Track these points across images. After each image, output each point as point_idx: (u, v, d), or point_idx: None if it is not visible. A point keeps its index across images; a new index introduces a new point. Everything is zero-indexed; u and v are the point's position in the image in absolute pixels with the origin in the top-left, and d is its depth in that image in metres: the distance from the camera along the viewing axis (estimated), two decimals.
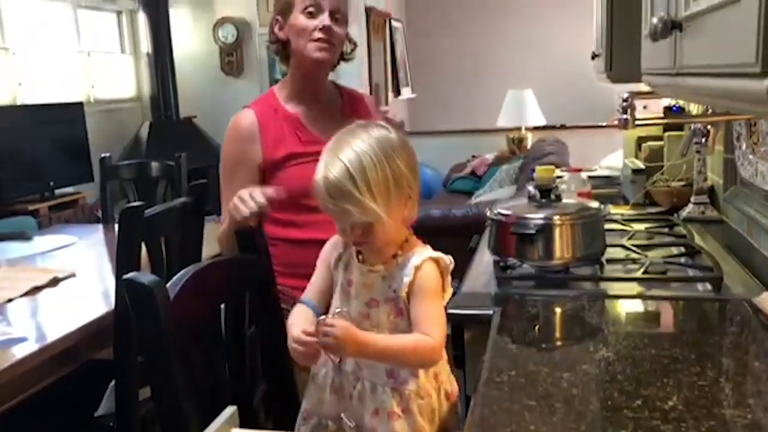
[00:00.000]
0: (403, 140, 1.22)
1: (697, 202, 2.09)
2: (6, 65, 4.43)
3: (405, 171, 1.18)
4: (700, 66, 0.79)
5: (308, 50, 1.67)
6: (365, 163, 1.14)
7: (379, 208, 1.14)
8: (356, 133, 1.20)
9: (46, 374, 1.77)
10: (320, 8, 1.66)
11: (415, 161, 1.23)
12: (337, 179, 1.14)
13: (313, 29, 1.65)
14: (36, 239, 2.86)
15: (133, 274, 1.10)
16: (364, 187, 1.13)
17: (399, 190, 1.17)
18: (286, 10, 1.68)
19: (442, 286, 1.23)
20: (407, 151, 1.21)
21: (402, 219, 1.22)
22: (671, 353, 1.17)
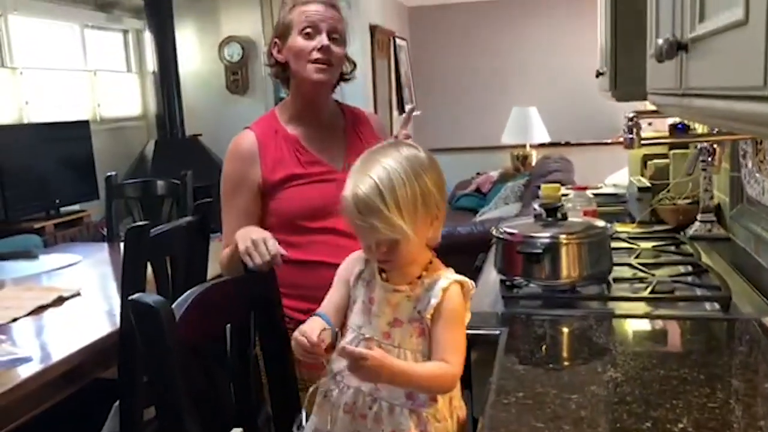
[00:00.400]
0: (431, 159, 1.22)
1: (703, 220, 2.08)
2: (13, 84, 4.47)
3: (433, 190, 1.19)
4: (707, 88, 0.78)
5: (307, 71, 1.67)
6: (395, 180, 1.15)
7: (406, 225, 1.15)
8: (386, 151, 1.21)
9: (51, 394, 1.76)
10: (318, 29, 1.66)
11: (442, 181, 1.23)
12: (366, 195, 1.15)
13: (311, 50, 1.66)
14: (42, 258, 2.86)
15: (138, 294, 1.10)
16: (392, 203, 1.14)
17: (426, 209, 1.18)
18: (285, 32, 1.69)
19: (466, 307, 1.23)
20: (436, 171, 1.21)
21: (427, 239, 1.23)
22: (680, 374, 1.16)
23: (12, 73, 4.45)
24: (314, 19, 1.66)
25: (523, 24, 7.30)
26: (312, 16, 1.67)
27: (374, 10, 6.07)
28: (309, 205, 1.65)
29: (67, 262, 2.76)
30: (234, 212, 1.69)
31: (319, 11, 1.67)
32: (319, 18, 1.67)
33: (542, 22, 7.23)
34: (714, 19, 0.74)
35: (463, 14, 7.40)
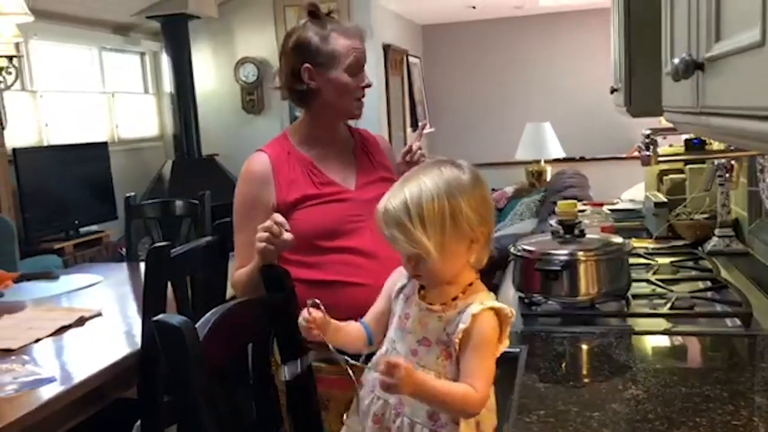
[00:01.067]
0: (476, 182, 1.21)
1: (721, 235, 2.08)
2: (33, 107, 4.54)
3: (468, 212, 1.17)
4: (723, 107, 0.79)
5: (350, 107, 1.72)
6: (424, 197, 1.16)
7: (430, 242, 1.15)
8: (428, 168, 1.22)
9: (74, 414, 1.78)
10: (361, 67, 1.71)
11: (485, 206, 1.21)
12: (394, 208, 1.17)
13: (355, 88, 1.69)
14: (62, 278, 2.89)
15: (162, 315, 1.12)
16: (417, 220, 1.15)
17: (457, 230, 1.17)
18: (329, 64, 1.67)
19: (498, 337, 1.20)
20: (477, 195, 1.19)
21: (465, 262, 1.22)
22: (703, 391, 1.16)
23: (32, 97, 4.53)
24: (360, 56, 1.69)
25: (535, 40, 7.33)
26: (359, 53, 1.69)
27: (388, 30, 6.12)
28: (324, 225, 1.66)
29: (88, 283, 2.79)
30: (247, 234, 1.68)
31: (361, 48, 1.71)
32: (363, 55, 1.71)
33: (554, 38, 7.26)
34: (730, 39, 0.75)
35: (476, 32, 7.45)
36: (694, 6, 0.92)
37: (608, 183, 4.71)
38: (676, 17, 1.11)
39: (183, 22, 5.38)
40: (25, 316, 2.31)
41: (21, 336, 2.05)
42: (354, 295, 1.54)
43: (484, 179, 1.23)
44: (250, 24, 5.86)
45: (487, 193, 1.22)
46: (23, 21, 2.55)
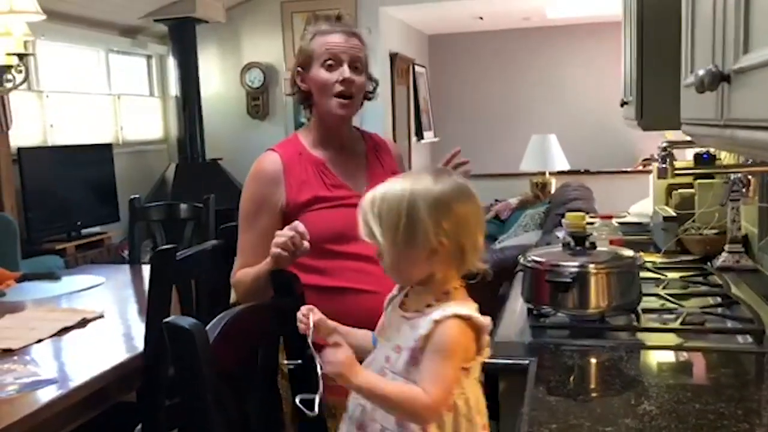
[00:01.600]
0: (449, 197, 1.19)
1: (731, 251, 2.06)
2: (39, 107, 4.54)
3: (427, 223, 1.17)
4: (751, 119, 0.78)
5: (330, 106, 1.69)
6: (388, 197, 1.20)
7: (383, 239, 1.19)
8: (413, 173, 1.25)
9: (74, 417, 1.76)
10: (339, 61, 1.67)
11: (455, 221, 1.19)
12: (367, 198, 1.23)
13: (333, 83, 1.67)
14: (64, 279, 2.88)
15: (173, 317, 1.10)
16: (377, 214, 1.20)
17: (412, 236, 1.17)
18: (307, 62, 1.70)
19: (468, 346, 1.17)
20: (444, 208, 1.19)
21: (428, 270, 1.21)
22: (716, 408, 1.14)
23: (38, 97, 4.53)
24: (336, 51, 1.67)
25: (542, 52, 7.34)
26: (333, 47, 1.67)
27: (395, 38, 6.13)
28: (334, 229, 1.65)
29: (90, 284, 2.77)
30: (253, 234, 1.67)
31: (340, 42, 1.68)
32: (341, 49, 1.68)
33: (562, 50, 7.27)
34: (760, 51, 0.74)
35: (483, 42, 7.46)
36: (720, 18, 0.91)
37: (613, 197, 4.71)
38: (698, 30, 1.10)
39: (190, 25, 5.38)
40: (26, 317, 2.30)
41: (22, 336, 2.04)
42: (362, 303, 1.53)
43: (467, 196, 1.22)
44: (257, 29, 5.87)
45: (463, 209, 1.20)
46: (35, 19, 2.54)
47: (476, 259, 1.23)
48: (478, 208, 1.23)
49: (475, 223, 1.22)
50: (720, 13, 0.90)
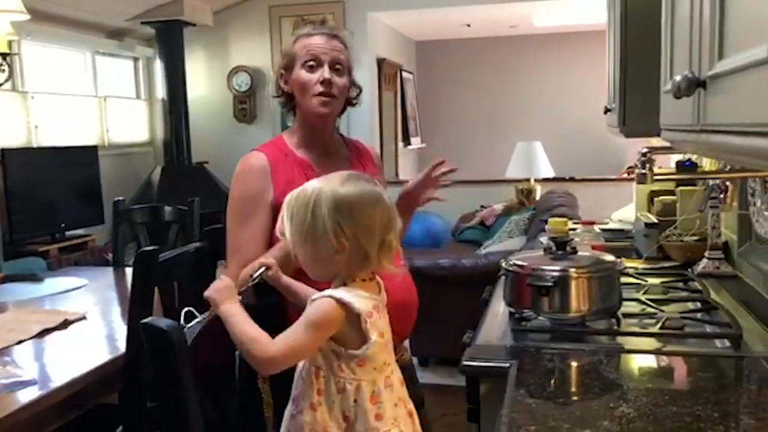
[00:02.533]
0: (351, 201, 1.27)
1: (711, 258, 2.08)
2: (24, 108, 4.51)
3: (327, 224, 1.25)
4: (725, 124, 0.79)
5: (311, 105, 1.71)
6: (300, 195, 1.29)
7: (292, 236, 1.29)
8: (328, 176, 1.34)
9: (54, 418, 1.75)
10: (320, 62, 1.70)
11: (352, 224, 1.26)
12: (286, 198, 1.33)
13: (314, 83, 1.69)
14: (47, 281, 2.86)
15: (151, 318, 1.10)
16: (289, 211, 1.30)
17: (313, 234, 1.26)
18: (289, 64, 1.73)
19: (332, 321, 1.25)
20: (345, 209, 1.26)
21: (335, 268, 1.29)
22: (693, 411, 1.15)
23: (22, 97, 4.50)
24: (316, 51, 1.70)
25: (529, 60, 7.39)
26: (314, 49, 1.70)
27: (382, 44, 6.15)
28: None
29: (72, 286, 2.76)
30: (249, 230, 1.66)
31: (321, 44, 1.71)
32: (321, 50, 1.70)
33: (548, 58, 7.32)
34: (734, 57, 0.75)
35: (470, 49, 7.50)
36: (696, 25, 0.92)
37: (597, 203, 4.74)
38: (676, 36, 1.12)
39: (178, 28, 5.37)
40: (7, 318, 2.28)
41: (3, 337, 2.02)
42: None
43: (373, 201, 1.29)
44: (244, 33, 5.87)
45: (366, 213, 1.27)
46: (19, 19, 2.53)
47: (385, 260, 1.31)
48: (386, 212, 1.30)
49: (381, 227, 1.28)
50: (696, 20, 0.92)
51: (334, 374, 1.28)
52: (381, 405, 1.29)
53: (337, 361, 1.28)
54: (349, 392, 1.27)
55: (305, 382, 1.30)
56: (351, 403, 1.27)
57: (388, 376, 1.33)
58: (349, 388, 1.27)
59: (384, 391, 1.30)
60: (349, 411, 1.27)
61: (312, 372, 1.29)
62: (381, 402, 1.29)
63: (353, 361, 1.27)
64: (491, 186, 6.04)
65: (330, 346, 1.28)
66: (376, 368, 1.30)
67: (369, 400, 1.28)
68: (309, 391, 1.29)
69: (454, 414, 3.18)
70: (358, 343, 1.27)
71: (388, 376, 1.33)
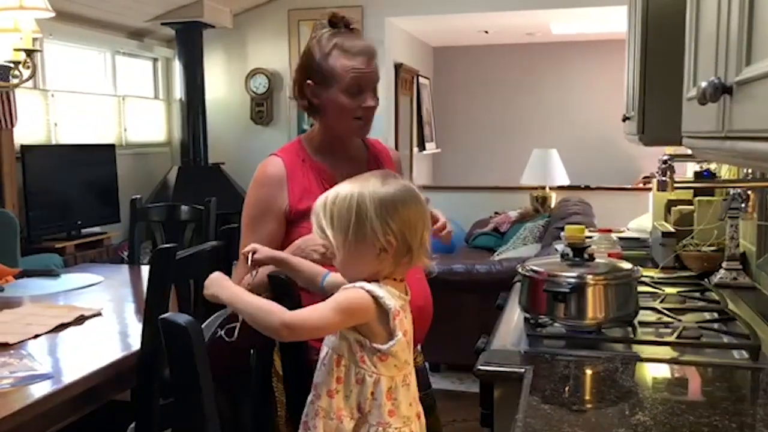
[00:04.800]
0: (396, 198, 1.28)
1: (729, 268, 2.06)
2: (44, 106, 4.56)
3: (375, 222, 1.26)
4: (753, 130, 0.79)
5: (348, 129, 1.69)
6: (339, 197, 1.29)
7: (335, 238, 1.28)
8: (359, 177, 1.33)
9: (67, 413, 1.76)
10: (362, 89, 1.65)
11: (401, 221, 1.27)
12: (318, 202, 1.32)
13: (354, 109, 1.65)
14: (63, 277, 2.88)
15: (169, 313, 1.11)
16: (329, 214, 1.29)
17: (360, 233, 1.26)
18: (326, 80, 1.66)
19: (360, 309, 1.26)
20: (391, 207, 1.27)
21: (376, 268, 1.29)
22: (711, 421, 1.14)
23: (43, 96, 4.54)
24: (361, 79, 1.64)
25: (546, 67, 7.37)
26: (359, 76, 1.64)
27: (400, 49, 6.16)
28: None
29: (88, 282, 2.78)
30: (259, 237, 1.67)
31: (364, 69, 1.64)
32: (365, 77, 1.65)
33: (566, 66, 7.30)
34: (762, 62, 0.74)
35: (487, 56, 7.50)
36: (723, 31, 0.92)
37: (612, 213, 4.71)
38: (701, 42, 1.11)
39: (197, 30, 5.41)
40: (24, 312, 2.30)
41: (19, 331, 2.04)
42: None
43: (413, 199, 1.31)
44: (263, 36, 5.90)
45: (409, 210, 1.29)
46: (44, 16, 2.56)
47: (423, 256, 1.33)
48: (423, 210, 1.32)
49: (421, 223, 1.31)
50: (723, 26, 0.91)
51: (356, 365, 1.28)
52: (396, 402, 1.30)
53: (361, 352, 1.28)
54: (368, 384, 1.28)
55: (326, 368, 1.31)
56: (368, 396, 1.28)
57: (406, 375, 1.33)
58: (369, 380, 1.27)
59: (401, 389, 1.31)
60: (364, 403, 1.28)
61: (334, 360, 1.30)
62: (396, 399, 1.30)
63: (376, 354, 1.28)
64: (506, 193, 6.03)
65: (356, 336, 1.28)
66: (397, 365, 1.30)
67: (385, 395, 1.28)
68: (329, 378, 1.30)
69: (465, 420, 3.17)
70: (384, 338, 1.28)
71: (407, 374, 1.33)
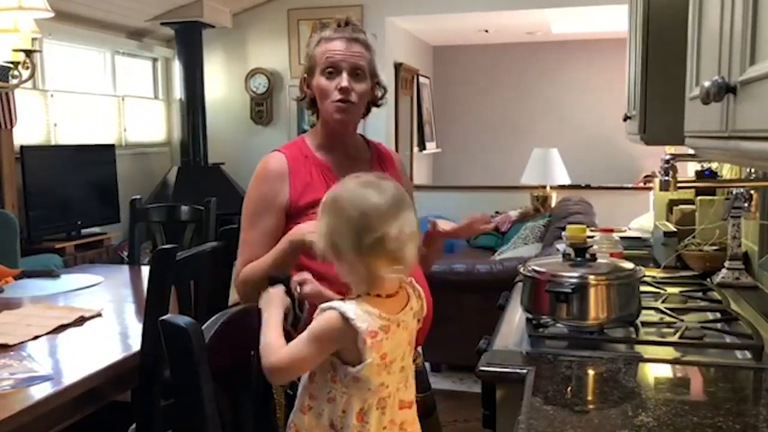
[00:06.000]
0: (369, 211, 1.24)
1: (731, 268, 2.06)
2: (44, 106, 4.55)
3: (343, 231, 1.24)
4: (756, 130, 0.78)
5: (329, 111, 1.70)
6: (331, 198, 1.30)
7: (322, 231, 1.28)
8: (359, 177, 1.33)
9: (68, 415, 1.75)
10: (339, 69, 1.68)
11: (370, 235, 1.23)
12: None
13: (333, 90, 1.67)
14: (63, 277, 2.87)
15: (169, 315, 1.10)
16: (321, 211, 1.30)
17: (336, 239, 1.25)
18: (311, 69, 1.72)
19: (333, 337, 1.23)
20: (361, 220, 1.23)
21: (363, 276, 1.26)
22: (714, 422, 1.13)
23: (42, 96, 4.54)
24: (335, 59, 1.67)
25: (546, 67, 7.36)
26: (333, 55, 1.67)
27: (400, 48, 6.15)
28: None
29: (88, 283, 2.77)
30: (258, 232, 1.67)
31: (340, 50, 1.67)
32: (340, 57, 1.67)
33: (566, 65, 7.29)
34: (766, 62, 0.74)
35: (487, 55, 7.49)
36: (726, 30, 0.91)
37: (613, 212, 4.71)
38: (704, 42, 1.10)
39: (197, 30, 5.41)
40: (24, 313, 2.29)
41: (19, 332, 2.03)
42: None
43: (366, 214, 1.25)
44: (263, 36, 5.89)
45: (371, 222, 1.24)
46: (44, 16, 2.55)
47: None
48: None
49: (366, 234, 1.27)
50: (727, 25, 0.91)
51: (326, 383, 1.27)
52: (366, 425, 1.26)
53: (332, 372, 1.26)
54: (338, 404, 1.26)
55: (302, 384, 1.31)
56: (339, 413, 1.26)
57: (383, 398, 1.28)
58: (339, 400, 1.26)
59: (374, 413, 1.27)
60: (336, 420, 1.26)
61: (308, 376, 1.29)
62: (367, 422, 1.26)
63: (348, 376, 1.24)
64: (506, 192, 6.03)
65: (328, 356, 1.26)
66: (371, 389, 1.26)
67: (355, 417, 1.25)
68: (303, 393, 1.30)
69: (466, 420, 3.17)
70: (356, 359, 1.23)
71: (384, 398, 1.28)
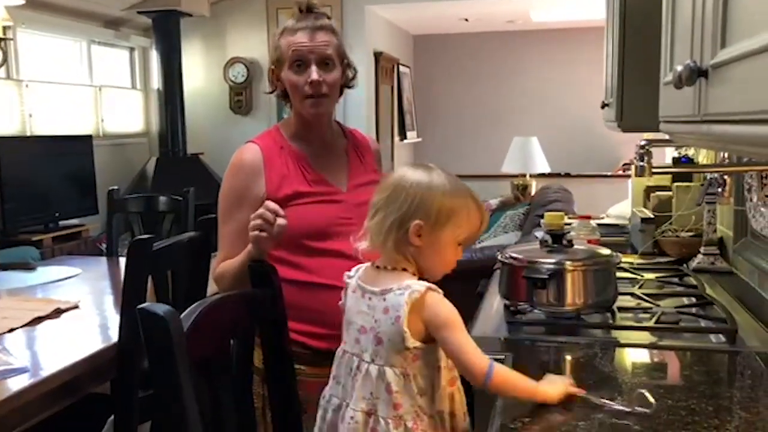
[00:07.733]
0: (432, 186, 1.27)
1: (707, 253, 2.08)
2: (18, 96, 4.48)
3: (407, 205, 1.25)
4: (727, 113, 0.79)
5: (301, 107, 1.67)
6: (392, 180, 1.29)
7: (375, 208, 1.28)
8: (416, 166, 1.32)
9: (46, 406, 1.74)
10: (307, 62, 1.63)
11: (438, 212, 1.26)
12: None
13: (303, 85, 1.63)
14: (40, 270, 2.84)
15: (147, 304, 1.09)
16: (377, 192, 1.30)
17: (390, 210, 1.25)
18: (278, 62, 1.68)
19: None
20: (427, 195, 1.26)
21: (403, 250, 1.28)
22: (688, 405, 1.15)
23: (17, 86, 4.46)
24: (301, 51, 1.62)
25: (526, 55, 7.37)
26: (299, 49, 1.63)
27: (380, 37, 6.12)
28: (314, 225, 1.63)
29: (66, 275, 2.74)
30: (233, 225, 1.65)
31: (305, 42, 1.63)
32: (307, 49, 1.63)
33: (546, 54, 7.31)
34: (737, 45, 0.74)
35: (467, 44, 7.48)
36: (699, 14, 0.91)
37: (592, 200, 4.74)
38: (677, 26, 1.11)
39: (174, 18, 5.34)
40: (0, 305, 2.26)
41: None
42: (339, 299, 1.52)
43: None
44: (241, 24, 5.84)
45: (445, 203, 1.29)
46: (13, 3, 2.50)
47: None
48: None
49: None
50: (699, 9, 0.91)
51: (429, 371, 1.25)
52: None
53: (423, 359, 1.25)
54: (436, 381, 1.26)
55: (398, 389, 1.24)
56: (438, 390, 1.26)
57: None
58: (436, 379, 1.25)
59: None
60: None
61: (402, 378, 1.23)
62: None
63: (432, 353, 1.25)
64: (487, 181, 6.04)
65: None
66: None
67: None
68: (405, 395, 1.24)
69: None
70: (425, 336, 1.24)
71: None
